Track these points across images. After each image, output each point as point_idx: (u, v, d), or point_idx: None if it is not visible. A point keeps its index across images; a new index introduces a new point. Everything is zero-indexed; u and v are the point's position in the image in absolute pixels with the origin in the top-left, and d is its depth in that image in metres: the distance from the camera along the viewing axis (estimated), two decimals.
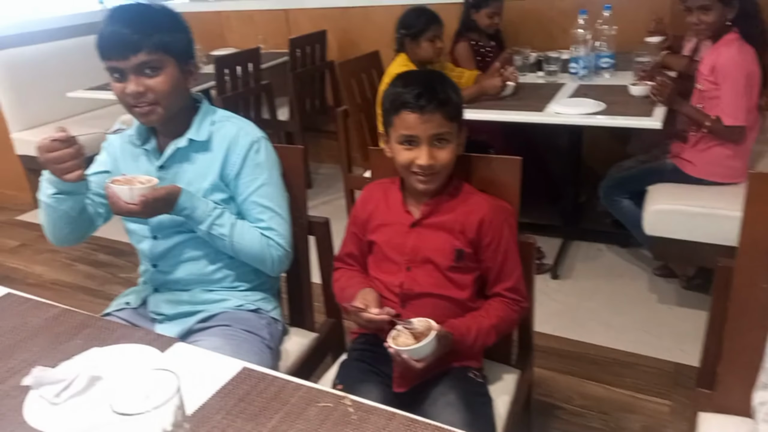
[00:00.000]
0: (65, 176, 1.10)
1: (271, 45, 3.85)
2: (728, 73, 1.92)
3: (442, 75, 1.21)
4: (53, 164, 1.09)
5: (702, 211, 1.96)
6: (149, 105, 1.20)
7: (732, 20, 1.94)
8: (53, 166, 1.09)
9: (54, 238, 1.30)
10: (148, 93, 1.18)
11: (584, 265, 2.60)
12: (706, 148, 2.07)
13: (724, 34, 1.97)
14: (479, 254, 1.19)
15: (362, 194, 1.30)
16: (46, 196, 1.20)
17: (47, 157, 1.08)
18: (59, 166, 1.09)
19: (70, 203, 1.21)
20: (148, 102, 1.19)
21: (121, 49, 1.16)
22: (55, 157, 1.08)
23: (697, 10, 1.99)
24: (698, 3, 1.98)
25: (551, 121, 2.12)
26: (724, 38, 1.96)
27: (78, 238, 1.32)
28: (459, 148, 1.20)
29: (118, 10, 1.20)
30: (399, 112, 1.14)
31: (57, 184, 1.17)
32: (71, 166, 1.09)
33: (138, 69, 1.17)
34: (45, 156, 1.08)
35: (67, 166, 1.09)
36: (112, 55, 1.17)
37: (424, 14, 2.41)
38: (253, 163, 1.30)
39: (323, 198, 3.55)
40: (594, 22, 2.49)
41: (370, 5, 3.58)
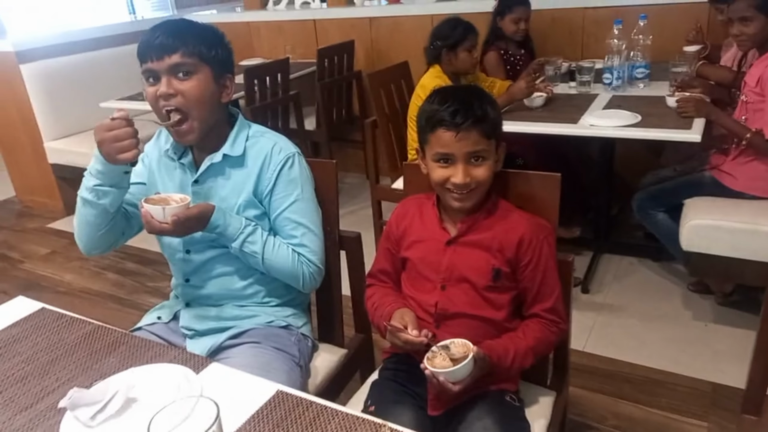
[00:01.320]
0: (121, 155, 1.10)
1: (299, 55, 3.87)
2: None
3: (481, 90, 1.18)
4: (110, 143, 1.10)
5: (743, 226, 1.89)
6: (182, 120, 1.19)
7: None
8: (110, 146, 1.10)
9: (85, 242, 1.29)
10: (178, 96, 1.18)
11: (615, 280, 2.54)
12: (746, 161, 2.01)
13: None
14: (517, 274, 1.16)
15: (397, 210, 1.28)
16: (88, 189, 1.19)
17: (105, 136, 1.10)
18: (116, 145, 1.10)
19: (110, 198, 1.20)
20: (176, 106, 1.18)
21: (158, 50, 1.17)
22: (113, 136, 1.09)
23: (738, 22, 1.94)
24: (739, 14, 1.94)
25: (586, 134, 2.07)
26: None
27: (109, 244, 1.31)
28: (497, 165, 1.18)
29: (163, 21, 1.22)
30: (435, 129, 1.12)
31: (104, 173, 1.16)
32: (128, 145, 1.10)
33: (171, 70, 1.17)
34: (103, 135, 1.10)
35: (125, 145, 1.10)
36: (149, 56, 1.18)
37: (461, 25, 2.40)
38: (286, 179, 1.29)
39: (349, 208, 3.54)
40: (629, 32, 2.44)
41: (398, 15, 3.58)
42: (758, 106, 1.93)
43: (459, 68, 2.41)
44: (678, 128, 1.95)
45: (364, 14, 3.68)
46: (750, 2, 1.90)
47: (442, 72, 2.43)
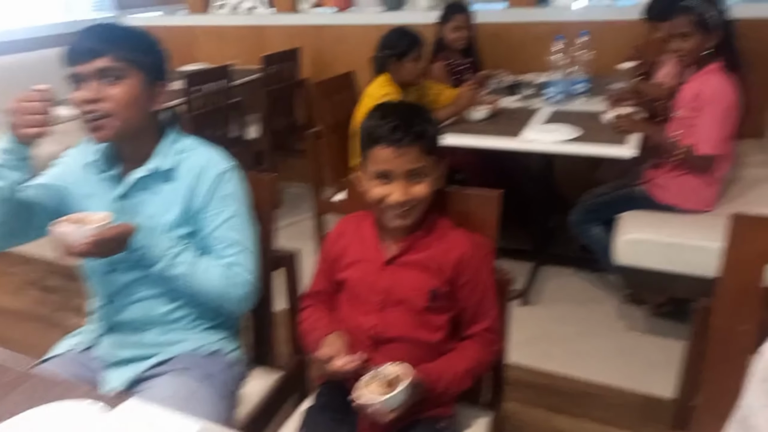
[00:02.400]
0: (27, 130, 1.07)
1: (243, 61, 3.78)
2: (710, 102, 1.93)
3: (420, 107, 1.17)
4: (21, 114, 1.06)
5: (673, 240, 1.95)
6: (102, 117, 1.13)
7: (715, 50, 1.96)
8: (20, 117, 1.07)
9: None
10: (104, 101, 1.11)
11: (554, 291, 2.59)
12: (678, 176, 2.08)
13: (707, 62, 1.98)
14: (456, 293, 1.14)
15: (335, 229, 1.25)
16: None
17: (19, 106, 1.06)
18: (26, 117, 1.06)
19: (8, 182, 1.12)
20: (102, 112, 1.12)
21: (86, 53, 1.10)
22: (25, 106, 1.06)
23: (677, 38, 2.01)
24: (678, 30, 2.00)
25: (526, 148, 2.10)
26: (709, 67, 1.98)
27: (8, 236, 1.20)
28: (437, 182, 1.16)
29: (93, 24, 1.16)
30: (374, 146, 1.09)
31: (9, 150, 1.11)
32: (37, 120, 1.07)
33: (99, 74, 1.11)
34: (17, 104, 1.06)
35: (34, 119, 1.06)
36: (76, 59, 1.11)
37: (408, 35, 2.40)
38: (221, 194, 1.23)
39: (292, 219, 3.47)
40: (570, 48, 2.50)
41: (345, 24, 3.55)
42: (692, 122, 2.01)
43: (406, 78, 2.41)
44: (614, 143, 2.00)
45: (310, 22, 3.64)
46: (688, 20, 1.97)
47: (390, 81, 2.43)
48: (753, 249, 1.05)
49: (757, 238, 1.04)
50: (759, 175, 2.34)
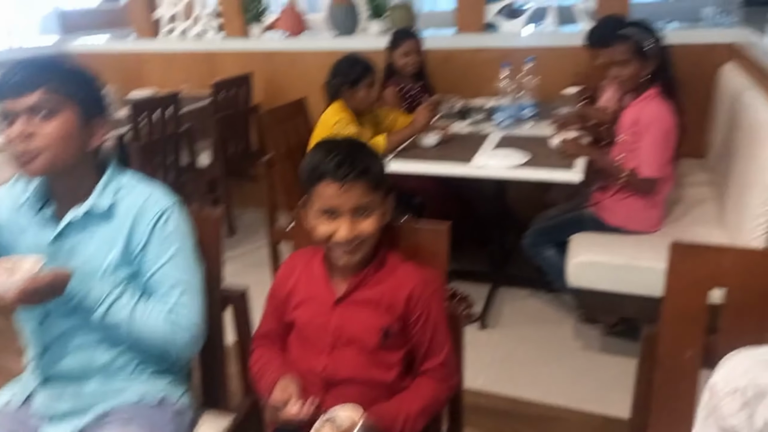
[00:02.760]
0: None
1: (194, 86, 3.72)
2: (649, 126, 2.00)
3: (363, 143, 1.16)
4: None
5: (622, 262, 2.00)
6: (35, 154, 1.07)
7: (652, 76, 2.03)
8: None
9: None
10: (37, 138, 1.06)
11: (512, 313, 2.61)
12: (624, 198, 2.14)
13: (645, 88, 2.06)
14: (408, 330, 1.13)
15: (283, 267, 1.22)
16: None
17: None
18: None
19: None
20: (35, 149, 1.06)
21: (17, 87, 1.05)
22: None
23: (616, 65, 2.08)
24: (617, 58, 2.07)
25: (478, 174, 2.13)
26: (647, 93, 2.05)
27: None
28: (384, 217, 1.15)
29: (26, 57, 1.12)
30: (319, 182, 1.08)
31: None
32: None
33: (31, 110, 1.06)
34: None
35: None
36: (7, 94, 1.06)
37: (360, 63, 2.41)
38: (162, 234, 1.19)
39: (247, 246, 3.42)
40: (517, 74, 2.56)
41: (297, 50, 3.55)
42: (634, 146, 2.07)
43: (359, 106, 2.41)
44: (561, 168, 2.05)
45: (262, 47, 3.62)
46: (626, 48, 2.04)
47: (344, 108, 2.42)
48: (693, 276, 1.07)
49: (696, 266, 1.07)
50: (700, 194, 2.43)
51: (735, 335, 1.04)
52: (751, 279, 1.03)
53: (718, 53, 2.71)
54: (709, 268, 1.06)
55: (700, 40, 2.77)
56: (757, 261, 1.03)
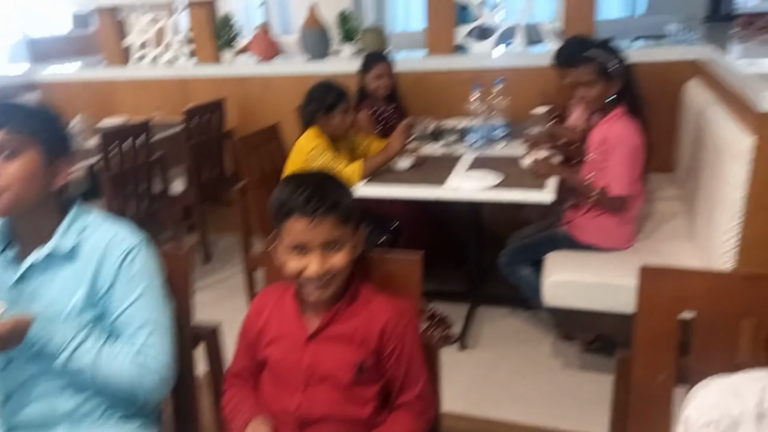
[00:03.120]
0: None
1: (167, 113, 3.69)
2: (616, 146, 2.03)
3: (334, 177, 1.15)
4: None
5: (596, 280, 2.01)
6: None
7: (618, 95, 2.06)
8: None
9: None
10: None
11: (491, 332, 2.61)
12: (596, 216, 2.16)
13: (612, 108, 2.09)
14: (383, 363, 1.12)
15: (254, 303, 1.20)
16: None
17: None
18: None
19: None
20: None
21: None
22: None
23: (582, 86, 2.11)
24: (582, 79, 2.11)
25: (452, 197, 2.14)
26: (613, 113, 2.08)
27: None
28: (356, 250, 1.14)
29: None
30: (288, 217, 1.06)
31: None
32: None
33: None
34: None
35: None
36: None
37: (334, 89, 2.41)
38: (128, 273, 1.16)
39: (223, 273, 3.38)
40: (488, 95, 2.59)
41: (269, 74, 3.55)
42: (603, 165, 2.10)
43: (335, 132, 2.41)
44: (533, 188, 2.06)
45: (234, 73, 3.61)
46: (591, 69, 2.08)
47: (320, 133, 2.42)
48: (663, 299, 1.08)
49: (665, 289, 1.08)
50: (670, 208, 2.47)
51: (706, 357, 1.05)
52: (719, 301, 1.04)
53: (682, 70, 2.77)
54: (678, 291, 1.07)
55: (664, 58, 2.83)
56: (725, 283, 1.04)
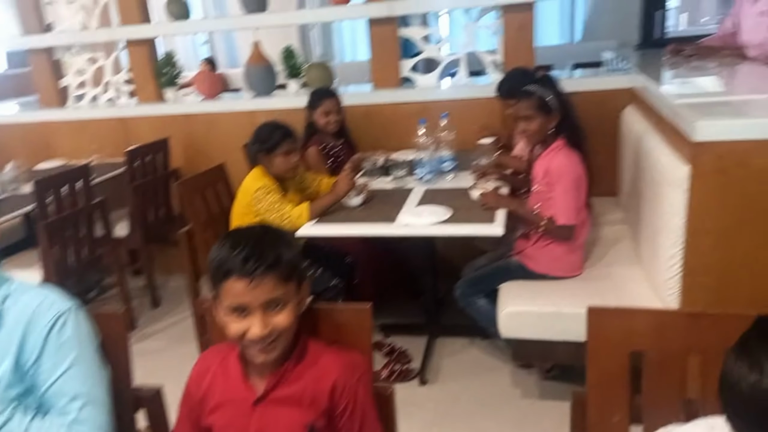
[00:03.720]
0: None
1: (108, 154, 3.57)
2: (559, 177, 2.07)
3: (275, 231, 1.11)
4: None
5: (549, 310, 2.03)
6: None
7: (557, 129, 2.11)
8: None
9: None
10: None
11: (450, 364, 2.59)
12: (545, 245, 2.19)
13: (553, 140, 2.13)
14: (334, 423, 1.07)
15: (196, 366, 1.14)
16: None
17: None
18: None
19: None
20: None
21: None
22: None
23: (522, 119, 2.16)
24: (522, 113, 2.15)
25: (403, 233, 2.12)
26: (554, 145, 2.12)
27: None
28: (300, 306, 1.10)
29: None
30: (226, 279, 1.02)
31: None
32: None
33: None
34: None
35: None
36: None
37: (279, 128, 2.36)
38: (58, 342, 1.09)
39: (173, 317, 3.26)
40: (435, 128, 2.61)
41: (215, 112, 3.48)
42: (548, 195, 2.13)
43: (278, 172, 2.36)
44: (483, 222, 2.07)
45: (178, 111, 3.53)
46: (530, 103, 2.12)
47: (265, 173, 2.37)
48: (612, 339, 1.08)
49: (613, 329, 1.08)
50: (616, 232, 2.53)
51: (657, 396, 1.05)
52: (665, 339, 1.05)
53: (620, 97, 2.87)
54: (625, 330, 1.07)
55: (601, 87, 2.93)
56: (670, 321, 1.05)
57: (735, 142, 1.61)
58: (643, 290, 2.00)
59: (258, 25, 3.34)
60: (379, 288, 2.92)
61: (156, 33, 3.62)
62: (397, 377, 2.50)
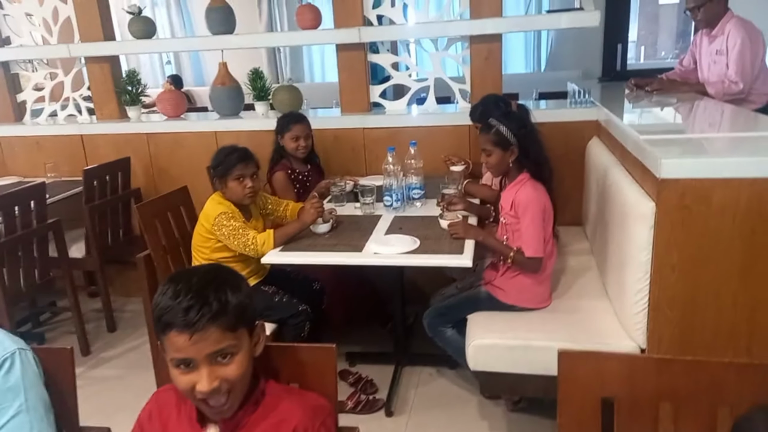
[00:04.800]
0: None
1: (64, 173, 3.45)
2: (525, 209, 2.06)
3: (221, 274, 1.02)
4: None
5: (517, 343, 2.00)
6: None
7: (521, 162, 2.11)
8: None
9: None
10: None
11: (417, 395, 2.54)
12: (513, 276, 2.18)
13: (517, 173, 2.14)
14: None
15: (149, 404, 1.07)
16: None
17: None
18: None
19: None
20: None
21: None
22: None
23: (483, 152, 2.17)
24: (482, 146, 2.17)
25: (371, 263, 2.08)
26: (519, 177, 2.13)
27: None
28: (256, 350, 1.04)
29: None
30: (166, 332, 0.95)
31: None
32: None
33: None
34: None
35: None
36: None
37: (235, 152, 2.28)
38: (3, 388, 1.02)
39: (130, 342, 3.13)
40: (404, 154, 2.59)
41: (178, 131, 3.40)
42: (515, 227, 2.13)
43: (233, 197, 2.29)
44: (452, 253, 2.05)
45: (140, 129, 3.43)
46: (487, 137, 2.13)
47: (223, 198, 2.30)
48: (583, 384, 1.06)
49: (584, 374, 1.06)
50: (582, 262, 2.54)
51: None
52: (636, 385, 1.03)
53: (585, 128, 2.92)
54: (596, 375, 1.05)
55: (567, 118, 2.97)
56: (640, 367, 1.04)
57: (697, 179, 1.64)
58: (611, 324, 2.00)
59: (225, 46, 3.30)
60: (346, 314, 2.87)
61: (116, 51, 3.53)
62: (363, 408, 2.44)
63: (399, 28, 3.14)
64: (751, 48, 2.99)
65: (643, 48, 7.06)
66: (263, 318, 2.26)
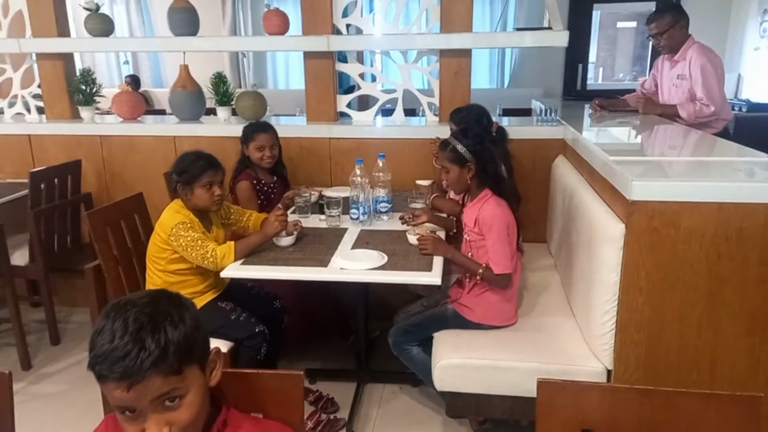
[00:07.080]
0: None
1: (9, 175, 3.25)
2: (490, 226, 2.04)
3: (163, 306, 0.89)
4: None
5: (484, 363, 1.97)
6: None
7: (480, 179, 2.10)
8: None
9: None
10: None
11: (380, 414, 2.48)
12: (480, 293, 2.15)
13: (478, 191, 2.12)
14: None
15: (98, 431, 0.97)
16: None
17: None
18: None
19: None
20: None
21: None
22: None
23: (443, 169, 2.16)
24: (440, 163, 2.17)
25: (336, 279, 2.02)
26: (481, 194, 2.11)
27: None
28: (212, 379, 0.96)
29: None
30: (102, 382, 0.84)
31: None
32: None
33: None
34: None
35: None
36: None
37: (201, 158, 2.18)
38: None
39: (74, 357, 2.96)
40: (371, 167, 2.54)
41: (134, 134, 3.25)
42: (480, 244, 2.11)
43: (198, 205, 2.19)
44: (420, 270, 2.00)
45: (92, 131, 3.27)
46: (445, 155, 2.12)
47: (183, 207, 2.19)
48: (562, 415, 1.03)
49: (564, 404, 1.03)
50: (546, 279, 2.55)
51: None
52: (616, 416, 1.00)
53: (551, 146, 2.94)
54: (575, 406, 1.02)
55: (534, 135, 2.99)
56: (622, 398, 1.01)
57: (666, 202, 1.64)
58: (578, 344, 1.99)
59: (188, 48, 3.18)
60: (307, 330, 2.78)
61: (71, 48, 3.36)
62: (323, 428, 2.35)
63: (369, 39, 3.10)
64: (715, 72, 3.08)
65: (602, 69, 7.27)
66: (218, 336, 2.18)
